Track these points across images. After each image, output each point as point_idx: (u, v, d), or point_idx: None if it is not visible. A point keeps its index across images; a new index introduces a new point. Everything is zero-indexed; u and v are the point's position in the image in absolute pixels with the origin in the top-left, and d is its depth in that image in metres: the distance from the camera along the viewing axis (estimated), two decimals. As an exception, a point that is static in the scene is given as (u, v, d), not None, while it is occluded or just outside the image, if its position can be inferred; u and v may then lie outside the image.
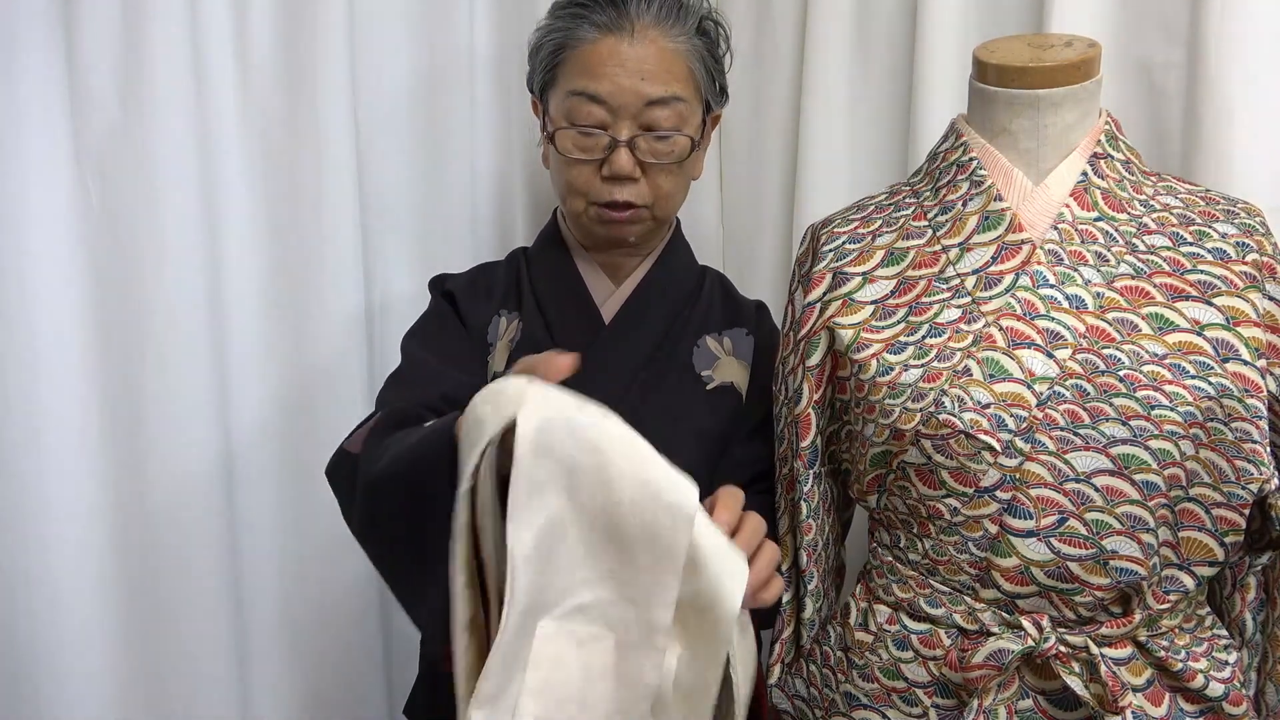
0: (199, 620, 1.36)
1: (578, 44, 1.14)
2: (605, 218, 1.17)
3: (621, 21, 1.13)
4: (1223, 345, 0.93)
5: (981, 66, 1.05)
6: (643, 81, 1.13)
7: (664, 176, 1.17)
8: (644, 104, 1.13)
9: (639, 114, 1.13)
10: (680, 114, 1.15)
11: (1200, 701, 0.96)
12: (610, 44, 1.13)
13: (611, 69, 1.12)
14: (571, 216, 1.21)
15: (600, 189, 1.15)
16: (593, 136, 1.14)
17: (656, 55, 1.14)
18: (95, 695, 1.30)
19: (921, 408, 0.95)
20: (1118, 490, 0.92)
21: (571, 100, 1.14)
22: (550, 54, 1.17)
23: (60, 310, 1.26)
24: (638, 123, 1.14)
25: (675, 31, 1.15)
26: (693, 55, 1.16)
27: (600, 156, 1.14)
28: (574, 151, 1.15)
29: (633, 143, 1.14)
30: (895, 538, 1.03)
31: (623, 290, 1.23)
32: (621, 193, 1.15)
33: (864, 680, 1.03)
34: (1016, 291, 0.97)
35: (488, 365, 1.18)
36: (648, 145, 1.15)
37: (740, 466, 1.18)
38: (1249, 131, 1.20)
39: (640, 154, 1.15)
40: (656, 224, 1.22)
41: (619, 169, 1.14)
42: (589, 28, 1.14)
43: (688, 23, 1.16)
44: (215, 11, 1.31)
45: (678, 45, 1.15)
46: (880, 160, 1.46)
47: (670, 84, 1.14)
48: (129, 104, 1.29)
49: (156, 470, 1.33)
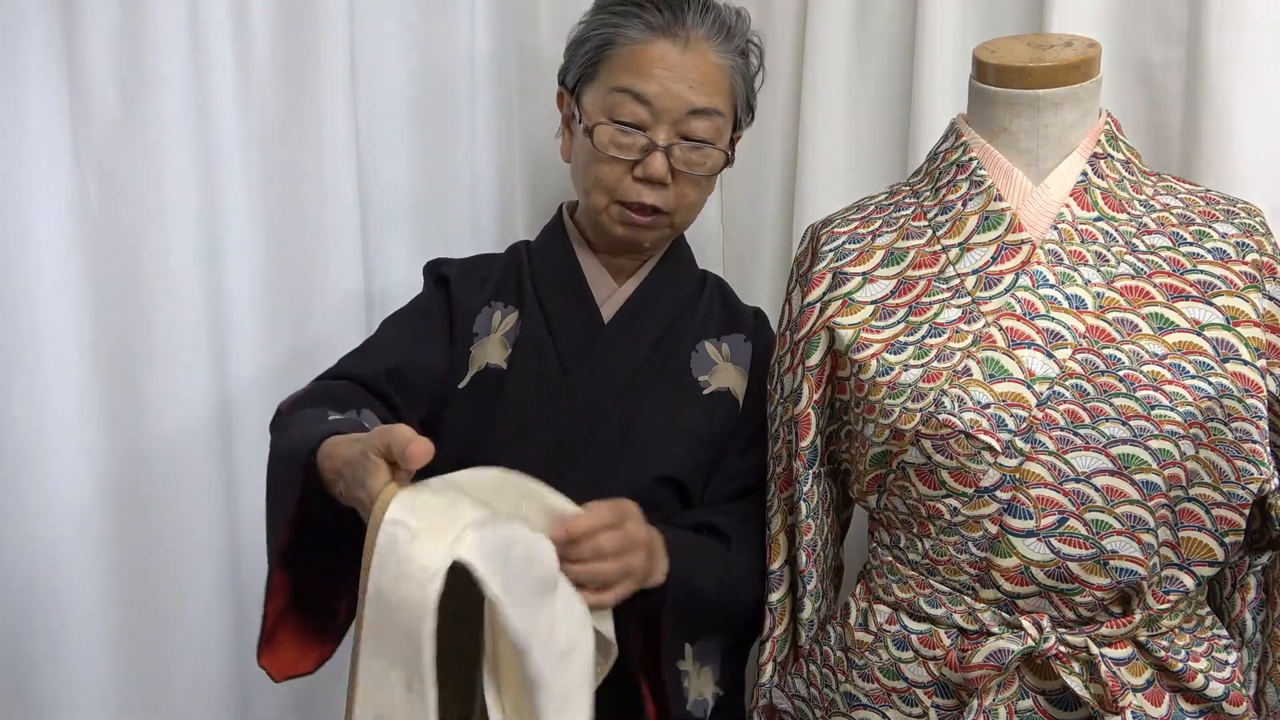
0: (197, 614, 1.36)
1: (629, 42, 1.15)
2: (627, 219, 1.17)
3: (676, 28, 1.14)
4: (1223, 345, 0.93)
5: (981, 66, 1.05)
6: (689, 90, 1.14)
7: (691, 187, 1.18)
8: (686, 111, 1.14)
9: (679, 121, 1.14)
10: (718, 127, 1.17)
11: (1200, 701, 0.96)
12: (662, 47, 1.14)
13: (660, 72, 1.13)
14: (590, 212, 1.21)
15: (629, 189, 1.16)
16: (631, 135, 1.14)
17: (705, 67, 1.15)
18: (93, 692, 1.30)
19: (921, 408, 0.95)
20: (1118, 490, 0.92)
21: (615, 96, 1.15)
22: (596, 48, 1.17)
23: (61, 310, 1.27)
24: (676, 130, 1.15)
25: (725, 48, 1.17)
26: (735, 73, 1.18)
27: (635, 157, 1.15)
28: (610, 148, 1.15)
29: (669, 149, 1.15)
30: (895, 538, 1.03)
31: (624, 290, 1.23)
32: (650, 196, 1.16)
33: (864, 680, 1.03)
34: (1016, 291, 0.97)
35: (470, 356, 1.18)
36: (683, 154, 1.16)
37: (734, 477, 1.18)
38: (1249, 131, 1.20)
39: (675, 161, 1.15)
40: (673, 232, 1.23)
41: (653, 172, 1.14)
42: (642, 28, 1.14)
43: (735, 41, 1.18)
44: (215, 11, 1.31)
45: (724, 61, 1.17)
46: (880, 160, 1.46)
47: (713, 97, 1.16)
48: (129, 104, 1.29)
49: (156, 464, 1.33)
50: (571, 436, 1.14)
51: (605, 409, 1.16)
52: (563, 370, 1.18)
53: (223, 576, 1.37)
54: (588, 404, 1.16)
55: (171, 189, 1.31)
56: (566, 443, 1.13)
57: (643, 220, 1.17)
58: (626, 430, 1.15)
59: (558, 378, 1.17)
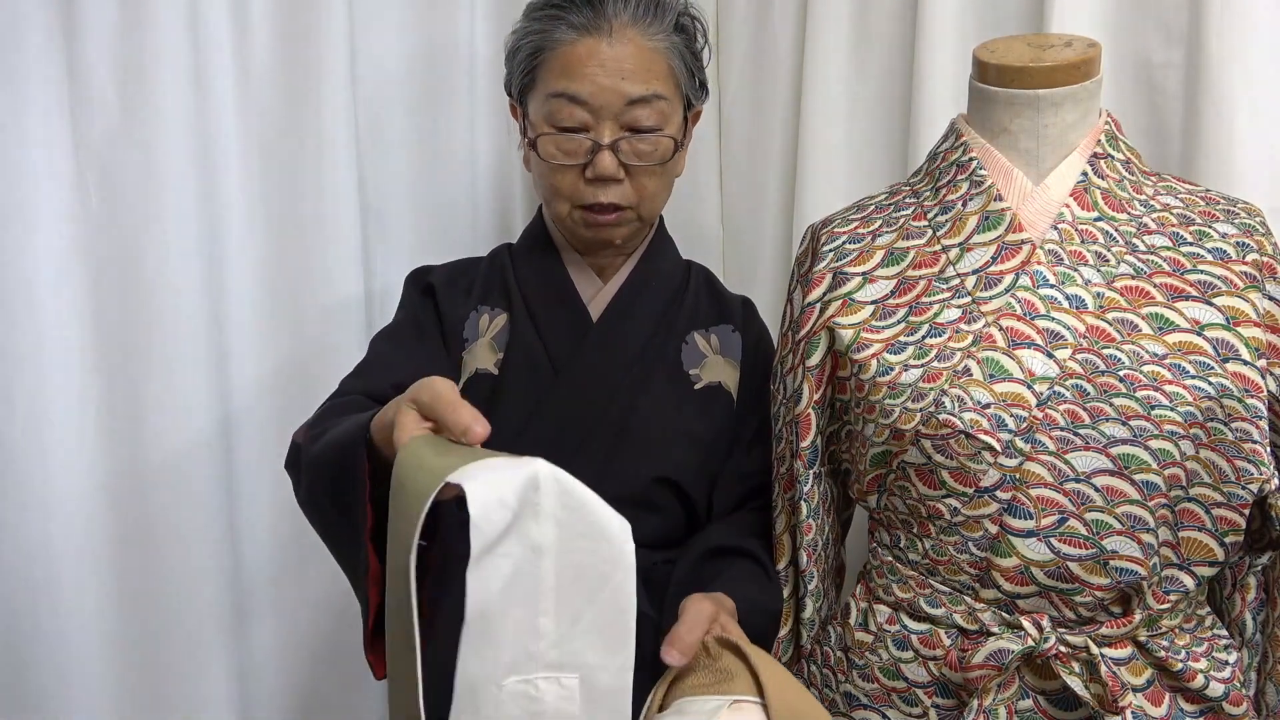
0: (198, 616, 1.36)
1: (555, 45, 1.13)
2: (590, 220, 1.16)
3: (599, 21, 1.13)
4: (1223, 345, 0.93)
5: (981, 66, 1.05)
6: (623, 81, 1.12)
7: (647, 177, 1.16)
8: (625, 103, 1.12)
9: (620, 114, 1.13)
10: (662, 112, 1.15)
11: (1200, 701, 0.96)
12: (589, 45, 1.12)
13: (591, 69, 1.12)
14: (556, 219, 1.20)
15: (584, 192, 1.15)
16: (575, 139, 1.13)
17: (635, 54, 1.13)
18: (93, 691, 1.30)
19: (921, 408, 0.95)
20: (1118, 490, 0.92)
21: (552, 102, 1.13)
22: (528, 56, 1.16)
23: (61, 310, 1.27)
24: (619, 123, 1.13)
25: (654, 29, 1.15)
26: (672, 52, 1.16)
27: (583, 160, 1.14)
28: (557, 156, 1.14)
29: (615, 145, 1.13)
30: (895, 538, 1.03)
31: (609, 288, 1.23)
32: (606, 194, 1.14)
33: (864, 680, 1.03)
34: (1016, 291, 0.97)
35: (461, 362, 1.18)
36: (630, 147, 1.14)
37: (744, 478, 1.18)
38: (1249, 131, 1.20)
39: (623, 156, 1.14)
40: (642, 224, 1.21)
41: (602, 171, 1.13)
42: (566, 29, 1.13)
43: (665, 20, 1.16)
44: (215, 12, 1.31)
45: (656, 43, 1.15)
46: (880, 160, 1.46)
47: (650, 82, 1.14)
48: (129, 105, 1.29)
49: (156, 465, 1.33)
50: (566, 439, 1.14)
51: (599, 409, 1.15)
52: (554, 372, 1.17)
53: (223, 578, 1.37)
54: (581, 405, 1.15)
55: (171, 189, 1.31)
56: (562, 445, 1.12)
57: (605, 219, 1.16)
58: (622, 431, 1.15)
59: (549, 380, 1.17)
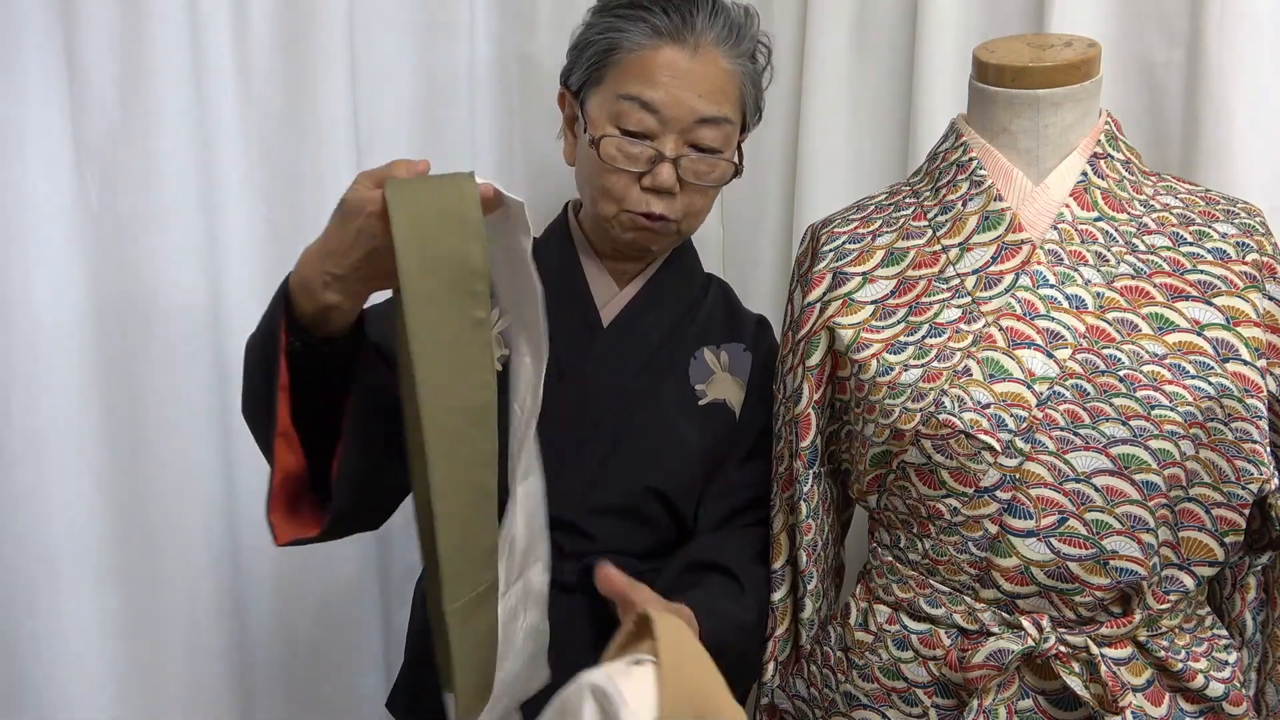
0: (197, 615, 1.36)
1: (635, 48, 1.11)
2: (636, 224, 1.15)
3: (685, 33, 1.11)
4: (1223, 345, 0.93)
5: (981, 66, 1.05)
6: (699, 98, 1.11)
7: (699, 195, 1.16)
8: (695, 120, 1.11)
9: (687, 129, 1.11)
10: (726, 135, 1.14)
11: (1200, 701, 0.96)
12: (670, 53, 1.11)
13: (668, 79, 1.10)
14: (597, 219, 1.18)
15: (638, 199, 1.13)
16: (638, 146, 1.12)
17: (714, 73, 1.12)
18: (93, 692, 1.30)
19: (921, 408, 0.95)
20: (1118, 490, 0.92)
21: (622, 104, 1.11)
22: (601, 52, 1.13)
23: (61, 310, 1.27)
24: (684, 138, 1.12)
25: (734, 52, 1.14)
26: (745, 78, 1.15)
27: (643, 169, 1.12)
28: (619, 159, 1.12)
29: (677, 160, 1.12)
30: (895, 538, 1.03)
31: (625, 294, 1.21)
32: (658, 205, 1.13)
33: (864, 680, 1.03)
34: (1016, 291, 0.97)
35: None
36: (690, 165, 1.13)
37: (731, 492, 1.17)
38: (1249, 131, 1.20)
39: (682, 172, 1.12)
40: (679, 238, 1.21)
41: (661, 183, 1.12)
42: (649, 32, 1.11)
43: (744, 45, 1.15)
44: (215, 12, 1.31)
45: (733, 67, 1.14)
46: (880, 160, 1.46)
47: (723, 104, 1.13)
48: (129, 104, 1.29)
49: (156, 469, 1.33)
50: (564, 442, 1.12)
51: (599, 415, 1.15)
52: (559, 373, 1.17)
53: (223, 577, 1.37)
54: (581, 410, 1.15)
55: (171, 189, 1.31)
56: (559, 448, 1.10)
57: (652, 225, 1.15)
58: (619, 438, 1.14)
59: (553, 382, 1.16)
